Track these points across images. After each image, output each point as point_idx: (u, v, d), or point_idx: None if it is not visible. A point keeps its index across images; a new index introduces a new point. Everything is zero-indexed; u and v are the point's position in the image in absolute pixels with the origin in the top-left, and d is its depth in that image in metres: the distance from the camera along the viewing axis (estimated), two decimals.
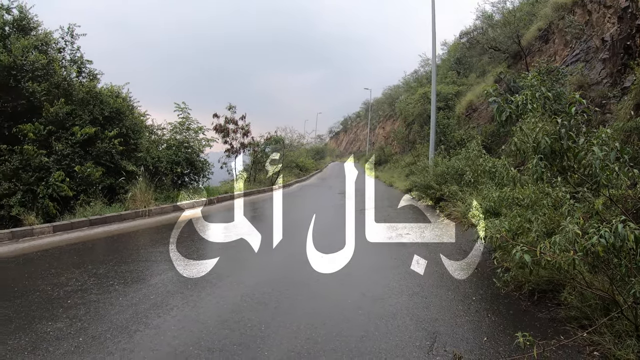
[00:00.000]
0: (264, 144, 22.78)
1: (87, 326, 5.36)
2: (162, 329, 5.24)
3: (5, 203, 11.10)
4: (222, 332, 5.13)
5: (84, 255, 8.88)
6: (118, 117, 14.28)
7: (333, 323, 5.41)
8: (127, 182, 13.85)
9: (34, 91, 12.57)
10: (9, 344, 4.89)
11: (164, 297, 6.35)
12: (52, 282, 7.05)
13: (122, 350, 4.69)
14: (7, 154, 11.79)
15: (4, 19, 13.54)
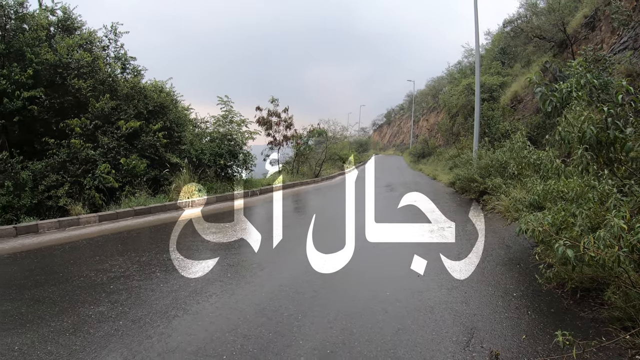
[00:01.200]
0: (306, 137, 22.68)
1: (128, 310, 5.50)
2: (200, 315, 5.31)
3: (54, 194, 11.36)
4: (258, 320, 5.15)
5: (127, 244, 9.10)
6: (162, 111, 14.55)
7: (370, 314, 5.32)
8: (171, 174, 14.08)
9: (80, 88, 12.99)
10: (52, 325, 5.08)
11: (203, 285, 6.43)
12: (96, 269, 7.28)
13: (160, 335, 4.81)
14: (55, 148, 12.12)
15: (48, 20, 14.03)
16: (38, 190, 11.30)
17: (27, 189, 11.11)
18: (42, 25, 13.38)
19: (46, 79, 12.97)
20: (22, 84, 12.23)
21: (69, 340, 4.74)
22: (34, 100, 12.55)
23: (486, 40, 37.50)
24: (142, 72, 15.50)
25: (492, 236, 9.52)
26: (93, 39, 14.54)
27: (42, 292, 6.28)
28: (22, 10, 13.04)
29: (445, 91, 39.94)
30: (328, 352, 4.42)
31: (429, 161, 36.49)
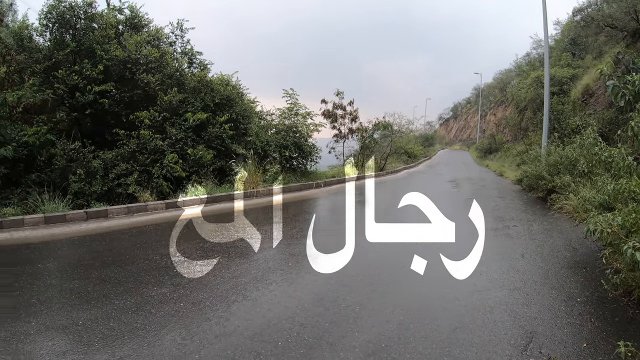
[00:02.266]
0: (372, 130, 22.17)
1: (189, 293, 5.68)
2: (259, 302, 5.40)
3: (123, 182, 11.61)
4: (316, 310, 5.17)
5: (192, 230, 9.24)
6: (228, 103, 14.68)
7: (428, 310, 5.22)
8: (236, 165, 14.08)
9: (149, 82, 13.32)
10: (115, 303, 5.35)
11: (264, 272, 6.51)
12: (160, 253, 7.51)
13: (218, 318, 4.94)
14: (125, 139, 12.43)
15: (117, 19, 14.54)
16: (108, 178, 11.55)
17: (98, 176, 11.39)
18: (110, 24, 13.87)
19: (116, 74, 13.32)
20: (94, 79, 12.65)
21: (131, 318, 4.96)
22: (104, 94, 12.89)
23: (555, 30, 35.70)
24: (208, 67, 15.76)
25: (558, 237, 9.01)
26: (160, 35, 14.95)
27: (108, 272, 6.56)
28: (91, 10, 13.56)
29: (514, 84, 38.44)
30: (383, 345, 4.39)
31: (495, 157, 34.95)
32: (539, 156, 16.14)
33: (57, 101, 12.51)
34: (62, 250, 7.97)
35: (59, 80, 12.41)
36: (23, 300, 5.61)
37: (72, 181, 11.00)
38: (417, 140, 40.36)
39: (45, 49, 13.32)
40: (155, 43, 14.68)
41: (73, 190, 10.89)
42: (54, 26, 13.37)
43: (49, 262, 7.20)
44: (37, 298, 5.67)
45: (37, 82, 12.36)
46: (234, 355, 4.24)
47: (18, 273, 6.61)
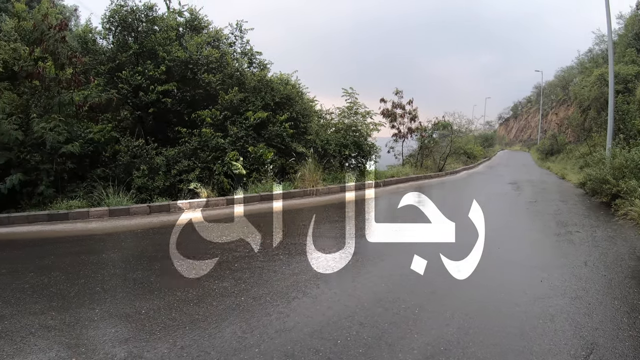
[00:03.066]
0: (431, 129, 21.54)
1: (250, 288, 5.70)
2: (319, 300, 5.35)
3: (185, 178, 11.65)
4: (375, 310, 5.08)
5: (253, 227, 9.16)
6: (288, 102, 14.58)
7: (488, 316, 5.03)
8: (296, 163, 13.94)
9: (210, 81, 13.47)
10: (177, 295, 5.47)
11: (324, 270, 6.40)
12: (222, 247, 7.55)
13: (278, 313, 4.92)
14: (187, 136, 12.53)
15: (177, 21, 14.80)
16: (170, 174, 11.64)
17: (160, 172, 11.50)
18: (171, 26, 14.16)
19: (178, 74, 13.48)
20: (156, 79, 12.87)
21: (192, 309, 5.05)
22: (167, 93, 13.08)
23: (618, 24, 33.63)
24: (268, 66, 15.72)
25: (622, 245, 8.34)
26: (220, 36, 15.11)
27: (171, 264, 6.71)
28: (151, 14, 13.95)
29: (576, 82, 36.64)
30: (442, 349, 4.27)
31: (557, 159, 33.20)
32: (603, 159, 15.16)
33: (121, 100, 12.84)
34: (126, 242, 8.20)
35: (123, 80, 12.73)
36: (87, 288, 5.80)
37: (135, 176, 11.17)
38: (477, 141, 38.66)
39: (109, 51, 13.80)
40: (215, 44, 14.84)
41: (136, 185, 11.07)
42: (116, 29, 13.85)
43: (112, 253, 7.43)
44: (101, 286, 5.85)
45: (102, 82, 12.76)
46: (293, 350, 4.20)
47: (83, 262, 6.84)
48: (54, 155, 10.44)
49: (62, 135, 10.52)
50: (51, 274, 6.33)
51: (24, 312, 5.12)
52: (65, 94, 11.35)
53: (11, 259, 7.37)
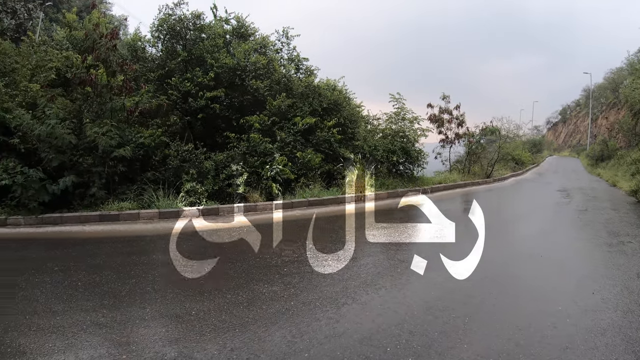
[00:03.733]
0: (478, 135, 21.00)
1: (299, 293, 5.70)
2: (368, 306, 5.31)
3: (233, 182, 11.64)
4: (425, 318, 4.99)
5: (301, 231, 9.26)
6: (335, 108, 14.50)
7: (538, 327, 4.87)
8: (344, 169, 13.74)
9: (258, 88, 13.48)
10: (227, 297, 5.53)
11: (373, 277, 6.35)
12: (271, 251, 7.61)
13: (328, 319, 4.90)
14: (236, 141, 12.57)
15: (224, 29, 15.02)
16: (219, 179, 11.64)
17: (209, 176, 11.49)
18: (218, 34, 14.36)
19: (226, 80, 13.58)
20: (205, 85, 13.00)
21: (242, 312, 5.08)
22: (215, 99, 13.15)
23: None
24: (314, 72, 15.74)
25: None
26: (266, 43, 15.26)
27: (221, 267, 6.82)
28: (199, 22, 14.18)
29: (626, 84, 35.04)
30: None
31: (608, 165, 31.72)
32: None
33: (170, 106, 13.02)
34: (176, 244, 8.16)
35: (172, 86, 12.92)
36: (138, 287, 5.94)
37: (185, 180, 11.20)
38: (525, 146, 37.38)
39: (158, 59, 14.16)
40: (262, 50, 14.97)
41: (186, 188, 11.08)
42: (165, 37, 14.17)
43: (162, 254, 7.52)
44: (151, 286, 5.98)
45: (152, 88, 13.00)
46: (342, 356, 4.18)
47: (134, 262, 6.98)
48: (105, 159, 10.58)
49: (114, 140, 10.66)
50: (102, 273, 6.46)
51: (75, 309, 5.24)
52: (116, 100, 11.53)
53: (63, 257, 7.53)
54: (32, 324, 4.92)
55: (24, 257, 7.68)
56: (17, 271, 6.76)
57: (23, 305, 5.46)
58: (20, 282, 6.31)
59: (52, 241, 8.69)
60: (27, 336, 4.67)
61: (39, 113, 10.83)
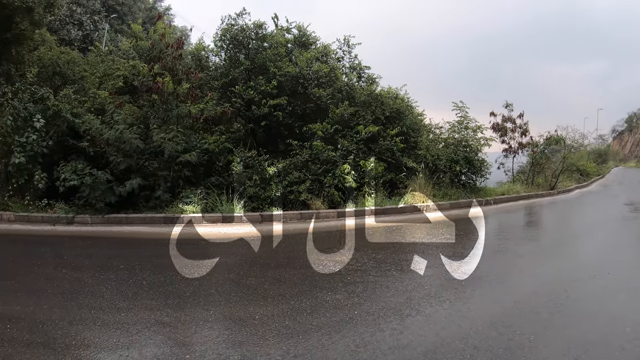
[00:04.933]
0: (542, 144, 20.23)
1: (363, 302, 5.64)
2: (432, 318, 5.17)
3: (295, 189, 11.60)
4: (489, 333, 4.83)
5: (363, 240, 9.09)
6: (398, 116, 14.23)
7: (605, 349, 4.62)
8: (406, 178, 13.46)
9: (320, 96, 13.41)
10: (291, 303, 5.54)
11: (437, 289, 6.20)
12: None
13: (392, 330, 4.79)
14: (298, 149, 12.50)
15: (285, 38, 15.09)
16: (282, 185, 11.64)
17: (272, 183, 11.51)
18: (280, 43, 14.42)
19: (289, 88, 13.58)
20: (268, 93, 13.04)
21: (306, 319, 5.06)
22: (278, 107, 13.20)
23: None
24: (376, 80, 15.57)
25: None
26: (328, 51, 15.20)
27: (284, 273, 6.89)
28: (261, 32, 14.36)
29: None
30: None
31: None
32: None
33: (234, 113, 13.14)
34: (238, 248, 8.44)
35: (236, 94, 13.08)
36: (202, 289, 6.11)
37: (247, 186, 11.26)
38: (590, 157, 35.79)
39: (222, 67, 14.40)
40: (324, 59, 14.91)
41: (248, 194, 11.15)
42: (228, 47, 14.45)
43: (226, 258, 7.66)
44: (215, 289, 6.13)
45: (216, 96, 13.17)
46: None
47: (197, 265, 7.15)
48: (171, 163, 10.85)
49: (180, 145, 10.95)
50: (167, 273, 6.69)
51: (140, 307, 5.47)
52: (182, 107, 11.77)
53: (128, 256, 7.89)
54: (96, 319, 5.12)
55: (90, 254, 8.04)
56: (83, 268, 7.12)
57: (88, 300, 5.70)
58: (86, 278, 6.60)
59: (118, 240, 9.12)
60: (92, 330, 4.86)
61: (107, 118, 11.34)
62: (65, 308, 5.48)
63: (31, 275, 6.80)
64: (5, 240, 9.28)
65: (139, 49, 15.85)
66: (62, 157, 11.27)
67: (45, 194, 11.01)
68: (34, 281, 6.50)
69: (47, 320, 5.12)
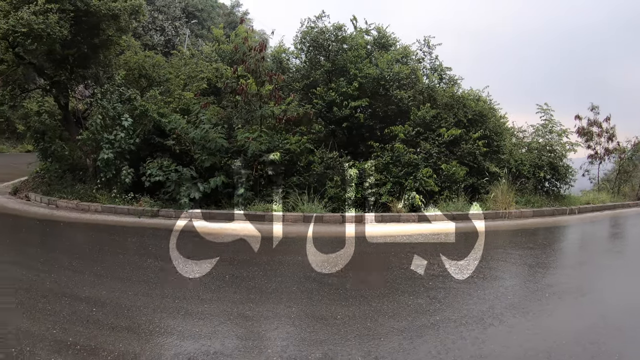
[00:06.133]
0: (630, 151, 18.97)
1: (445, 308, 5.55)
2: (515, 330, 5.06)
3: (376, 191, 11.55)
4: (574, 349, 4.65)
5: (444, 245, 9.04)
6: (481, 119, 13.82)
7: None
8: (489, 183, 13.08)
9: (402, 98, 13.21)
10: (372, 305, 5.55)
11: (520, 300, 6.02)
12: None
13: (474, 339, 4.71)
14: (380, 151, 12.44)
15: (365, 39, 14.98)
16: (362, 187, 11.60)
17: (352, 184, 11.48)
18: (360, 45, 14.31)
19: (369, 90, 13.48)
20: (349, 95, 13.01)
21: (387, 322, 5.06)
22: (359, 108, 13.23)
23: None
24: (458, 82, 15.16)
25: None
26: (408, 52, 14.97)
27: (366, 275, 7.03)
28: (341, 34, 14.27)
29: None
30: None
31: None
32: None
33: (315, 114, 13.18)
34: (320, 248, 8.37)
35: (317, 96, 13.20)
36: (284, 286, 6.29)
37: (328, 186, 11.35)
38: None
39: (303, 69, 14.60)
40: (404, 60, 14.70)
41: (329, 195, 11.25)
42: (308, 49, 14.57)
43: (307, 256, 7.71)
44: (297, 287, 6.31)
45: (297, 98, 13.31)
46: None
47: (279, 261, 7.42)
48: (254, 162, 11.09)
49: (264, 145, 11.19)
50: (249, 269, 6.92)
51: (223, 299, 5.69)
52: (266, 108, 11.95)
53: (211, 250, 8.14)
54: (180, 308, 5.37)
55: (174, 247, 8.28)
56: (168, 259, 7.44)
57: (172, 290, 5.98)
58: (169, 268, 6.95)
59: (201, 235, 9.32)
60: (175, 319, 5.11)
61: (192, 118, 11.79)
62: (149, 296, 5.76)
63: (117, 263, 7.17)
64: (94, 230, 9.81)
65: (221, 52, 16.34)
66: (148, 154, 11.84)
67: (130, 188, 11.59)
68: (119, 269, 6.87)
69: (131, 306, 5.40)
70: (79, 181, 13.10)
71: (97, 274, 6.55)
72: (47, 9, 11.09)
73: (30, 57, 12.59)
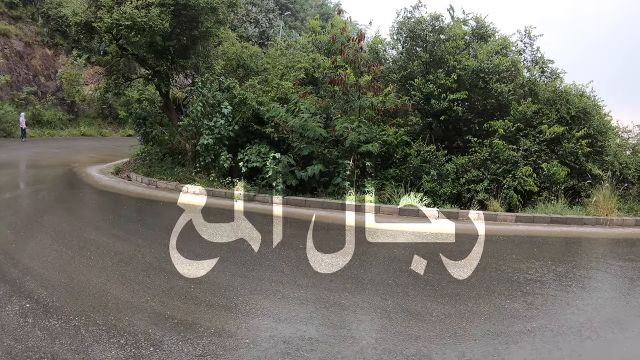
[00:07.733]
0: None
1: (542, 315, 5.39)
2: (613, 346, 4.82)
3: (473, 188, 11.26)
4: None
5: (543, 250, 8.66)
6: (584, 117, 12.99)
7: None
8: (590, 186, 12.38)
9: (502, 91, 12.69)
10: (468, 305, 5.51)
11: (620, 315, 5.67)
12: (512, 266, 7.25)
13: (570, 350, 4.55)
14: (478, 146, 12.05)
15: (463, 30, 14.51)
16: (459, 182, 11.38)
17: (449, 179, 11.32)
18: (458, 35, 13.93)
19: (468, 82, 13.07)
20: (447, 87, 12.69)
21: (483, 324, 5.02)
22: (457, 101, 12.92)
23: None
24: (560, 75, 14.36)
25: None
26: (507, 44, 14.34)
27: (460, 272, 6.80)
28: (438, 24, 13.99)
29: None
30: None
31: None
32: None
33: (412, 106, 12.98)
34: (411, 244, 8.39)
35: (415, 88, 12.96)
36: (379, 278, 6.34)
37: (425, 180, 11.24)
38: None
39: (400, 60, 14.35)
40: (504, 52, 14.08)
41: (425, 189, 11.13)
42: (405, 40, 14.39)
43: (402, 250, 7.88)
44: (393, 280, 6.28)
45: (395, 89, 13.07)
46: None
47: (374, 253, 7.62)
48: (351, 152, 11.11)
49: (362, 135, 11.16)
50: (345, 258, 7.05)
51: (319, 287, 5.84)
52: (365, 99, 11.89)
53: (305, 236, 8.38)
54: (277, 292, 5.57)
55: (269, 230, 8.70)
56: (263, 243, 7.73)
57: (269, 274, 6.21)
58: (267, 253, 7.23)
59: (296, 221, 9.62)
60: (272, 301, 5.28)
61: (291, 107, 11.91)
62: (246, 277, 6.00)
63: (214, 243, 7.52)
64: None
65: (317, 42, 16.45)
66: (246, 141, 12.25)
67: (228, 172, 12.02)
68: (216, 249, 7.18)
69: (229, 286, 5.67)
70: (178, 164, 13.79)
71: (195, 253, 6.90)
72: (149, 3, 11.70)
73: (133, 49, 13.41)
